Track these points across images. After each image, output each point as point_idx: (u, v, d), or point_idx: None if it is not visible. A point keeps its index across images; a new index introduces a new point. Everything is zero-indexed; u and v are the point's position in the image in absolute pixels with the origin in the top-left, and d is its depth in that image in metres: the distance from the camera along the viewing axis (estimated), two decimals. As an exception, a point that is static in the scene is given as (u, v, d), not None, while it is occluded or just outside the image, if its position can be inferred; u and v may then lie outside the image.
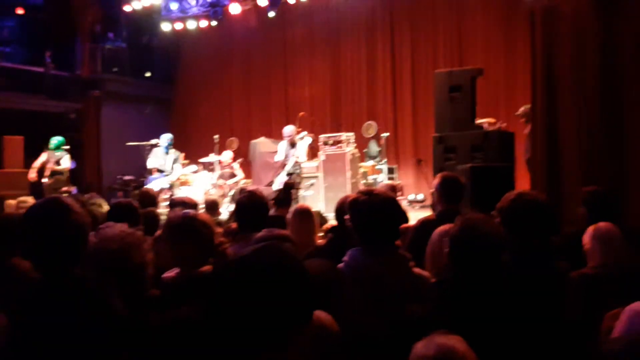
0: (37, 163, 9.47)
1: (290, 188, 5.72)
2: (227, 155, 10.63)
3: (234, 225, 3.70)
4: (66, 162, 9.56)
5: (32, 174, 9.37)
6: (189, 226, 2.35)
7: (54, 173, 9.42)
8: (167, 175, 8.66)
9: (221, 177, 10.13)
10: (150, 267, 1.96)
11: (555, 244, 2.66)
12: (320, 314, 1.74)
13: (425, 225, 3.64)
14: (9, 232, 2.85)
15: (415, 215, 5.76)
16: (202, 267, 2.28)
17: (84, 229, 1.87)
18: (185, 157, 10.42)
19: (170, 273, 2.33)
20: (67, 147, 10.38)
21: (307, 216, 3.79)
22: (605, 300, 2.34)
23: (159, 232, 3.37)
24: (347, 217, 2.47)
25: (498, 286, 1.90)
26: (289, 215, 4.09)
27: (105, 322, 1.71)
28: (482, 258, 1.91)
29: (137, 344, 1.81)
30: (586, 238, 2.73)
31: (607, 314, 1.93)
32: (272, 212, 4.16)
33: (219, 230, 2.90)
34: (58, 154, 9.56)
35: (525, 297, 1.97)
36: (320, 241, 3.63)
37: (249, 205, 3.30)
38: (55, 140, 9.59)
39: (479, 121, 7.21)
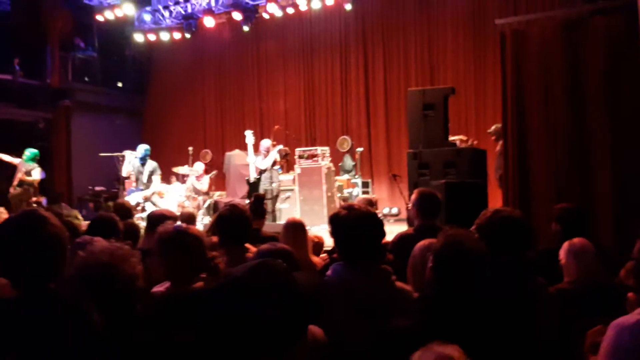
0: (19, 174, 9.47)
1: (261, 200, 5.72)
2: (199, 167, 10.57)
3: (214, 238, 3.69)
4: (37, 174, 9.49)
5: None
6: (181, 240, 2.32)
7: (22, 183, 9.31)
8: (143, 189, 8.52)
9: (194, 189, 10.07)
10: (139, 282, 1.93)
11: (530, 260, 2.74)
12: (311, 328, 1.76)
13: (403, 240, 3.70)
14: None
15: (390, 229, 5.82)
16: (194, 282, 2.26)
17: (63, 243, 1.83)
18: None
19: (159, 287, 2.31)
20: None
21: (300, 230, 3.80)
22: (581, 315, 2.43)
23: (139, 245, 3.33)
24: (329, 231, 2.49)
25: (481, 302, 1.96)
26: (270, 229, 4.10)
27: (84, 339, 1.68)
28: (465, 274, 1.96)
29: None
30: (562, 253, 2.83)
31: (590, 331, 1.98)
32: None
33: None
34: (29, 165, 9.48)
35: (506, 312, 2.03)
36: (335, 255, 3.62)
37: (230, 218, 3.29)
38: (28, 152, 9.55)
39: (451, 138, 7.38)
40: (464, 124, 11.32)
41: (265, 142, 8.73)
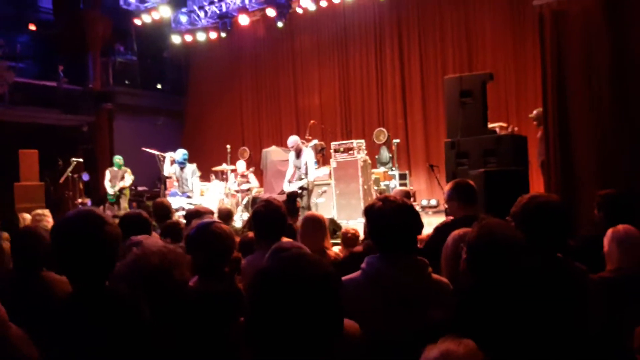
0: (106, 181, 10.47)
1: (294, 197, 5.74)
2: (242, 165, 10.70)
3: (250, 234, 3.72)
4: (128, 179, 10.38)
5: (111, 191, 10.39)
6: (200, 237, 2.38)
7: (122, 189, 10.34)
8: (189, 196, 8.69)
9: (238, 186, 10.20)
10: (186, 287, 1.96)
11: (572, 248, 2.65)
12: (345, 321, 1.73)
13: (444, 230, 3.61)
14: (33, 245, 2.90)
15: (428, 221, 5.74)
16: (217, 278, 2.31)
17: (119, 242, 1.88)
18: (198, 168, 10.49)
19: (190, 282, 2.36)
20: (81, 159, 10.66)
21: (317, 224, 3.81)
22: (624, 304, 2.33)
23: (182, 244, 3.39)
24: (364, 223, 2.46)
25: (517, 292, 1.89)
26: (298, 224, 4.12)
27: (137, 334, 1.72)
28: (501, 264, 1.89)
29: (166, 355, 1.82)
30: (605, 241, 2.72)
31: (638, 328, 1.87)
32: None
33: (237, 239, 2.92)
34: (121, 170, 10.37)
35: (545, 301, 1.96)
36: (357, 248, 3.63)
37: (266, 213, 3.31)
38: (117, 158, 10.63)
39: (490, 126, 7.20)
40: (504, 110, 11.06)
41: (291, 140, 8.44)
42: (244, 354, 1.99)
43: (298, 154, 8.37)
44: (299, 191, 8.08)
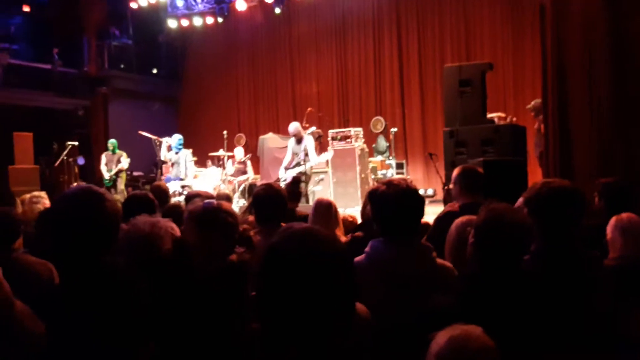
0: (102, 166, 10.43)
1: (298, 182, 5.72)
2: (240, 151, 10.65)
3: (250, 217, 3.71)
4: (125, 162, 10.31)
5: (107, 175, 10.34)
6: (211, 215, 2.31)
7: (119, 171, 10.30)
8: (182, 179, 8.64)
9: (235, 173, 10.17)
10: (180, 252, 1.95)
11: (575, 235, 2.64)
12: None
13: (448, 217, 3.59)
14: (10, 226, 2.83)
15: (424, 210, 5.73)
16: (229, 255, 2.27)
17: (117, 217, 1.86)
18: (193, 154, 10.44)
19: None
20: (76, 143, 10.57)
21: (329, 209, 3.82)
22: (626, 292, 2.34)
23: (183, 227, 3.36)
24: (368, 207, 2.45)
25: (526, 277, 1.89)
26: (304, 210, 4.10)
27: (136, 310, 1.71)
28: (509, 248, 1.89)
29: (166, 333, 1.82)
30: (608, 229, 2.72)
31: None
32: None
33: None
34: (116, 154, 10.32)
35: (555, 287, 1.96)
36: (357, 233, 3.62)
37: (266, 197, 3.30)
38: (111, 142, 10.57)
39: (489, 115, 7.20)
40: (502, 100, 11.07)
41: (293, 126, 8.47)
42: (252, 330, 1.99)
43: (299, 140, 8.34)
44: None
